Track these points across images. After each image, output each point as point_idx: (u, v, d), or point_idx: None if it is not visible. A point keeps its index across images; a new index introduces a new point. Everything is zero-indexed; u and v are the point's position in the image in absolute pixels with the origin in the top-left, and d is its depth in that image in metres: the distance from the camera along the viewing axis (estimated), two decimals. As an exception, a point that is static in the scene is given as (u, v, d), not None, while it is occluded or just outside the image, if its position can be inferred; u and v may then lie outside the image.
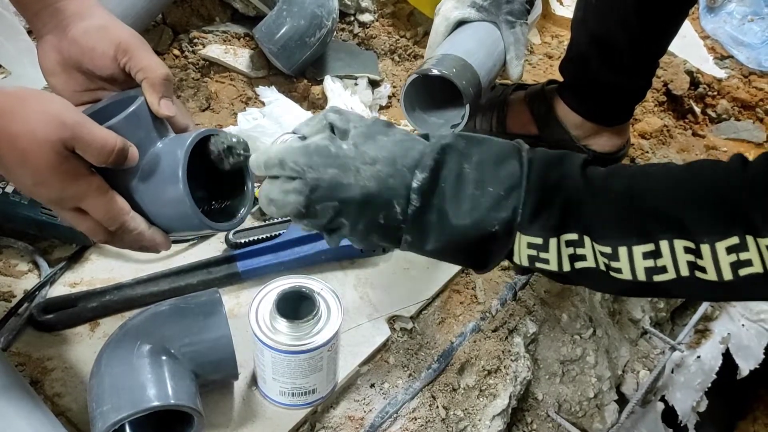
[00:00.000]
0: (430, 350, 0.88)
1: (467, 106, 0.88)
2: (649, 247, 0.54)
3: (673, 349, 1.20)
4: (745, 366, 1.33)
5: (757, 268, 0.51)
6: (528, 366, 0.93)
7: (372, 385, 0.84)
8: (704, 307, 1.29)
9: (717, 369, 1.30)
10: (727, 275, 0.52)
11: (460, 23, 0.95)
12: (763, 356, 1.33)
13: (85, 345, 0.81)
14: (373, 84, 1.26)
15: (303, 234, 0.91)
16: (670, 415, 1.25)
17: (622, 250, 0.55)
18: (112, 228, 0.62)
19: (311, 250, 0.91)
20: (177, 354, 0.70)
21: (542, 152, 0.61)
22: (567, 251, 0.57)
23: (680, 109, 1.41)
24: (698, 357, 1.31)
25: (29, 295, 0.83)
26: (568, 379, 1.03)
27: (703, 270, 0.53)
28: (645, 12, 0.96)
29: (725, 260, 0.51)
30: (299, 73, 1.21)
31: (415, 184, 0.58)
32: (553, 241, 0.57)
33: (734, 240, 0.51)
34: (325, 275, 0.91)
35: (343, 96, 1.18)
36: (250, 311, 0.72)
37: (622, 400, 1.11)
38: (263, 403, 0.78)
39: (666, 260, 0.54)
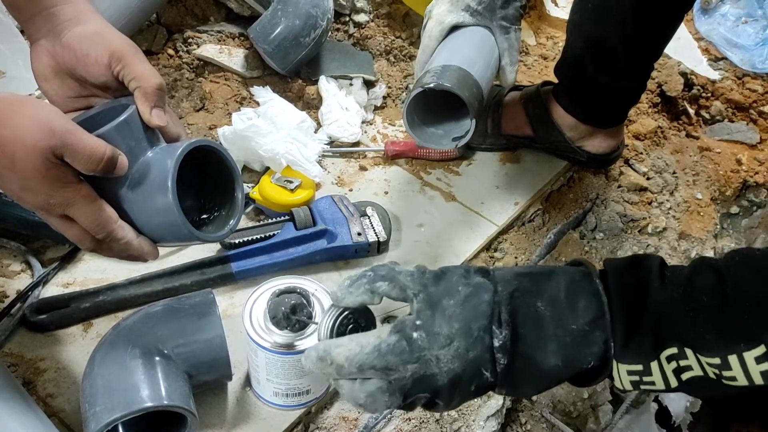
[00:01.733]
0: (424, 351, 0.88)
1: (473, 121, 0.87)
2: (761, 350, 0.50)
3: (666, 349, 1.20)
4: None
5: None
6: (522, 367, 0.93)
7: (366, 386, 0.84)
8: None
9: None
10: None
11: (454, 28, 0.95)
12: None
13: (78, 345, 0.80)
14: (368, 84, 1.26)
15: (297, 234, 0.91)
16: (663, 416, 1.25)
17: (733, 359, 0.51)
18: (100, 236, 0.61)
19: (305, 251, 0.91)
20: (170, 355, 0.70)
21: (614, 270, 0.57)
22: (670, 367, 0.54)
23: (674, 110, 1.42)
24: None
25: (22, 296, 0.83)
26: (562, 379, 1.03)
27: None
28: (642, 16, 0.96)
29: None
30: (294, 73, 1.21)
31: (497, 343, 0.54)
32: (654, 365, 0.54)
33: None
34: (319, 276, 0.91)
35: (338, 96, 1.18)
36: (244, 312, 0.72)
37: (616, 401, 1.11)
38: (257, 404, 0.78)
39: None
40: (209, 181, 0.68)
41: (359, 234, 0.93)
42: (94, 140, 0.58)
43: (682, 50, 1.50)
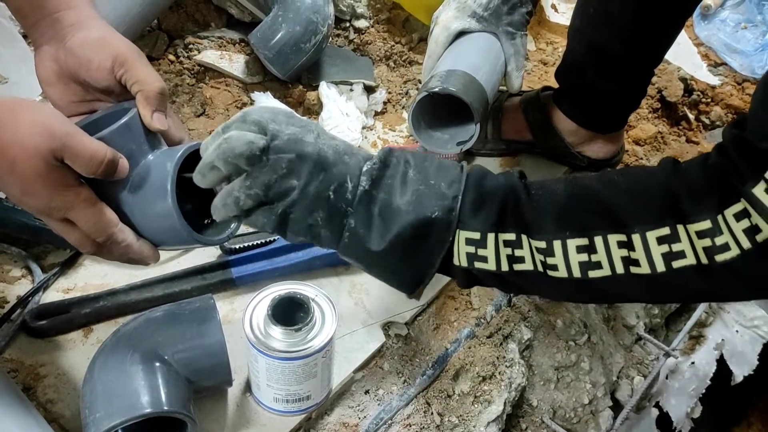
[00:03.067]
0: (424, 356, 0.88)
1: (477, 126, 0.88)
2: (584, 241, 0.55)
3: (667, 355, 1.20)
4: (740, 372, 1.33)
5: (689, 260, 0.51)
6: (523, 372, 0.93)
7: (366, 392, 0.84)
8: (698, 313, 1.29)
9: (711, 375, 1.30)
10: (660, 267, 0.52)
11: (461, 34, 0.95)
12: (757, 362, 1.34)
13: (78, 351, 0.80)
14: (369, 90, 1.26)
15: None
16: (664, 422, 1.25)
17: (557, 244, 0.56)
18: (100, 240, 0.61)
19: (306, 256, 0.91)
20: (171, 360, 0.69)
21: (481, 166, 0.64)
22: (505, 251, 0.58)
23: (674, 115, 1.42)
24: (692, 363, 1.31)
25: (22, 301, 0.83)
26: (563, 385, 1.03)
27: (636, 263, 0.53)
28: (643, 22, 0.96)
29: (657, 250, 0.52)
30: (295, 78, 1.21)
31: (365, 167, 0.60)
32: (491, 237, 0.58)
33: (665, 230, 0.51)
34: (319, 281, 0.91)
35: (339, 102, 1.18)
36: (245, 317, 0.72)
37: (616, 407, 1.11)
38: (257, 410, 0.78)
39: (600, 255, 0.54)
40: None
41: (359, 239, 0.93)
42: (95, 143, 0.58)
43: (682, 56, 1.50)
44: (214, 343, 0.71)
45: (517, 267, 0.58)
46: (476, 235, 0.59)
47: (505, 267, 0.58)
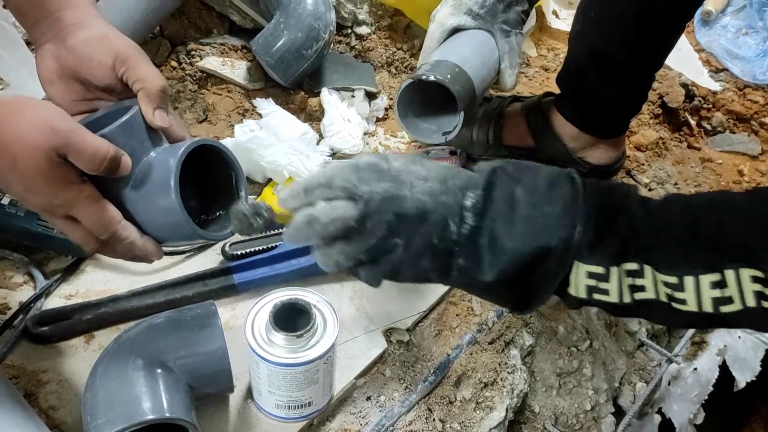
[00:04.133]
0: (426, 363, 0.88)
1: (461, 114, 0.88)
2: (716, 276, 0.52)
3: (669, 361, 1.20)
4: (742, 378, 1.33)
5: None
6: (525, 378, 0.93)
7: (368, 398, 0.83)
8: (701, 319, 1.29)
9: (714, 381, 1.29)
10: None
11: (456, 31, 0.96)
12: (760, 368, 1.33)
13: (80, 357, 0.80)
14: (370, 96, 1.26)
15: (299, 246, 0.91)
16: (667, 428, 1.24)
17: (688, 280, 0.53)
18: (104, 237, 0.61)
19: (308, 262, 0.91)
20: (172, 366, 0.69)
21: (593, 180, 0.58)
22: (627, 281, 0.55)
23: (675, 121, 1.42)
24: (695, 369, 1.30)
25: (24, 307, 0.83)
26: (565, 391, 1.02)
27: None
28: (645, 26, 0.96)
29: None
30: (296, 85, 1.22)
31: (468, 202, 0.56)
32: (614, 270, 0.55)
33: None
34: (321, 287, 0.91)
35: (340, 108, 1.18)
36: (246, 323, 0.72)
37: (619, 413, 1.11)
38: (259, 416, 0.78)
39: (732, 290, 0.52)
40: (212, 181, 0.68)
41: (361, 245, 0.93)
42: (98, 140, 0.58)
43: (683, 62, 1.50)
44: (216, 350, 0.71)
45: (639, 296, 0.55)
46: (599, 270, 0.55)
47: (627, 299, 0.55)
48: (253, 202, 0.62)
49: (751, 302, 0.51)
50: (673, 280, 0.53)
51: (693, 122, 1.43)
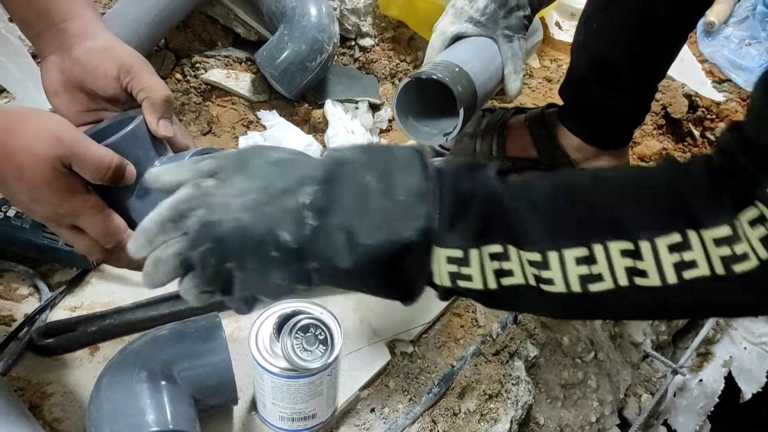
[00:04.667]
0: (430, 374, 0.88)
1: (461, 111, 0.87)
2: (583, 251, 0.48)
3: (675, 372, 1.20)
4: (748, 389, 1.33)
5: (702, 270, 0.45)
6: (529, 390, 0.93)
7: (372, 410, 0.83)
8: (706, 329, 1.29)
9: (719, 392, 1.29)
10: (671, 278, 0.46)
11: (457, 38, 0.96)
12: (766, 380, 1.33)
13: (85, 369, 0.80)
14: (374, 108, 1.27)
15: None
16: (672, 440, 1.24)
17: (553, 256, 0.49)
18: (109, 246, 0.62)
19: (311, 274, 0.91)
20: (176, 378, 0.69)
21: (450, 161, 0.55)
22: (492, 265, 0.51)
23: (679, 132, 1.42)
24: (700, 380, 1.30)
25: (29, 319, 0.83)
26: (570, 403, 1.02)
27: (644, 274, 0.47)
28: (647, 35, 0.97)
29: (668, 260, 0.46)
30: (300, 97, 1.22)
31: (306, 200, 0.51)
32: (474, 253, 0.51)
33: (676, 237, 0.45)
34: (325, 299, 0.90)
35: (344, 120, 1.18)
36: (250, 335, 0.72)
37: (624, 425, 1.10)
38: (263, 428, 0.78)
39: (601, 266, 0.47)
40: None
41: (365, 257, 0.93)
42: (102, 149, 0.59)
43: (686, 72, 1.51)
44: (220, 362, 0.71)
45: (506, 282, 0.51)
46: (458, 253, 0.51)
47: (492, 284, 0.51)
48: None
49: (623, 280, 0.47)
50: (536, 257, 0.49)
51: (696, 133, 1.43)
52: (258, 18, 1.27)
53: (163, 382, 0.68)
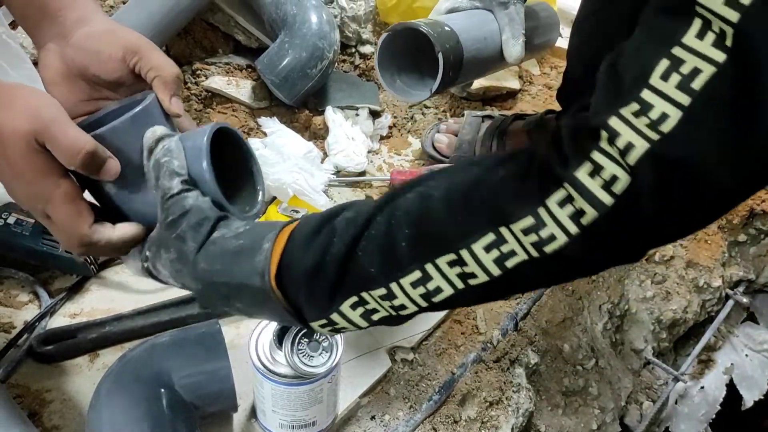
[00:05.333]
0: (431, 381, 0.88)
1: (440, 55, 0.86)
2: (416, 274, 0.52)
3: (676, 379, 1.19)
4: (750, 397, 1.32)
5: (521, 256, 0.49)
6: (530, 397, 0.93)
7: (372, 417, 0.83)
8: (707, 336, 1.28)
9: (721, 400, 1.29)
10: (495, 271, 0.50)
11: (452, 12, 0.96)
12: (767, 387, 1.32)
13: (84, 377, 0.80)
14: (374, 114, 1.27)
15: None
16: (674, 447, 1.24)
17: (394, 287, 0.53)
18: (74, 240, 0.59)
19: (312, 281, 0.91)
20: (176, 386, 0.69)
21: (298, 239, 0.56)
22: (357, 312, 0.55)
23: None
24: (702, 388, 1.30)
25: (29, 326, 0.83)
26: (571, 410, 1.02)
27: (473, 276, 0.51)
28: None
29: (487, 258, 0.49)
30: (301, 103, 1.22)
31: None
32: (335, 316, 0.55)
33: (490, 237, 0.49)
34: (325, 306, 0.91)
35: (344, 126, 1.19)
36: (250, 342, 0.71)
37: (625, 432, 1.10)
38: (263, 436, 0.78)
39: (438, 281, 0.52)
40: (223, 172, 0.66)
41: (365, 263, 0.93)
42: (80, 133, 0.56)
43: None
44: (220, 369, 0.71)
45: (376, 317, 0.55)
46: (323, 321, 0.56)
47: (365, 324, 0.56)
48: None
49: (459, 285, 0.51)
50: (382, 292, 0.53)
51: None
52: (259, 25, 1.28)
53: (163, 390, 0.68)
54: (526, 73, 1.49)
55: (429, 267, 0.51)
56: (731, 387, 1.31)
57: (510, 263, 0.49)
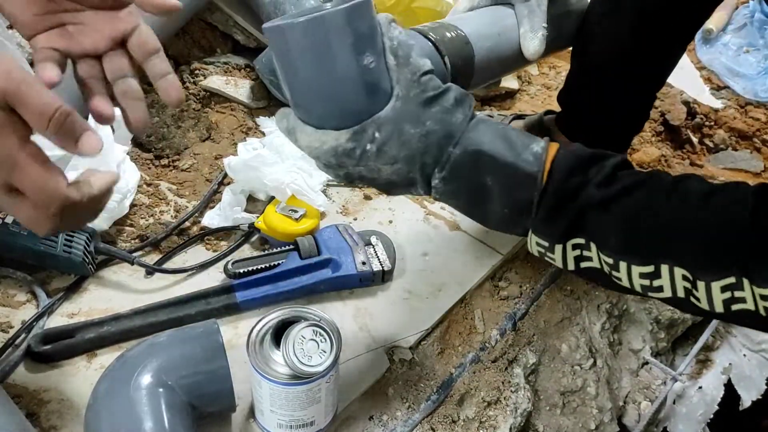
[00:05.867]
0: (429, 381, 0.88)
1: (448, 64, 0.85)
2: (649, 268, 0.56)
3: (674, 379, 1.19)
4: (747, 397, 1.32)
5: (749, 305, 0.52)
6: (528, 397, 0.93)
7: (371, 417, 0.83)
8: (705, 336, 1.29)
9: (719, 400, 1.29)
10: (719, 308, 0.54)
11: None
12: (765, 387, 1.32)
13: (82, 377, 0.80)
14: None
15: (302, 264, 0.91)
16: (673, 448, 1.24)
17: (623, 265, 0.57)
18: (52, 210, 0.52)
19: (310, 280, 0.91)
20: (174, 386, 0.69)
21: (574, 154, 0.62)
22: (573, 253, 0.60)
23: (678, 139, 1.42)
24: (700, 387, 1.30)
25: (27, 326, 0.83)
26: (569, 410, 1.02)
27: (697, 299, 0.55)
28: (642, 45, 0.97)
29: (719, 297, 0.53)
30: (299, 103, 1.22)
31: (432, 183, 0.63)
32: (558, 247, 0.61)
33: (731, 280, 0.52)
34: (323, 306, 0.91)
35: (343, 126, 1.18)
36: (248, 342, 0.71)
37: (623, 432, 1.10)
38: (261, 436, 0.77)
39: (664, 281, 0.56)
40: None
41: (364, 263, 0.93)
42: (52, 97, 0.51)
43: (685, 79, 1.51)
44: (218, 369, 0.71)
45: (584, 265, 0.60)
46: (545, 243, 0.61)
47: (571, 267, 0.61)
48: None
49: (681, 293, 0.55)
50: (609, 260, 0.58)
51: (695, 140, 1.43)
52: (257, 25, 1.28)
53: (161, 390, 0.68)
54: (525, 73, 1.50)
55: (664, 269, 0.56)
56: (729, 387, 1.31)
57: (736, 307, 0.53)
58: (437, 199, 0.65)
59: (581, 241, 0.59)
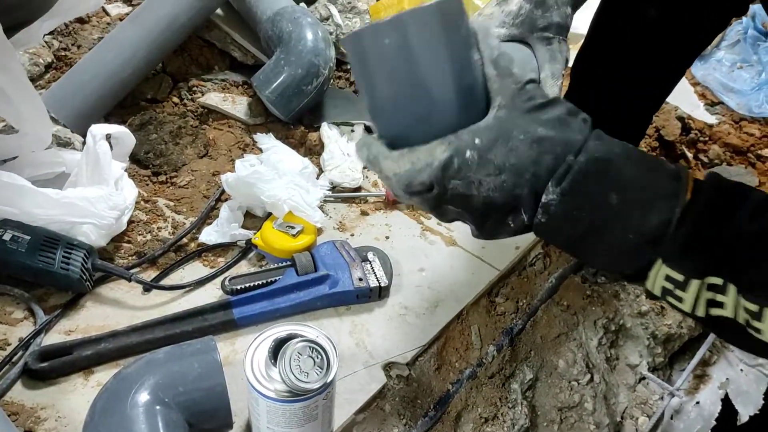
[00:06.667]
0: (426, 398, 0.88)
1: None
2: None
3: (671, 394, 1.19)
4: (745, 412, 1.32)
5: None
6: (525, 413, 0.93)
7: (368, 434, 0.83)
8: (702, 351, 1.29)
9: (716, 415, 1.28)
10: None
11: None
12: (763, 401, 1.32)
13: (79, 394, 0.80)
14: (370, 130, 1.28)
15: (299, 280, 0.91)
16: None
17: (767, 313, 0.49)
18: None
19: (307, 297, 0.91)
20: (171, 403, 0.69)
21: (711, 186, 0.52)
22: (706, 295, 0.51)
23: (673, 154, 1.43)
24: (697, 403, 1.30)
25: (24, 343, 0.83)
26: (567, 426, 1.02)
27: None
28: (643, 68, 0.98)
29: None
30: (296, 120, 1.23)
31: (544, 199, 0.52)
32: (694, 283, 0.51)
33: None
34: (320, 322, 0.91)
35: (340, 142, 1.19)
36: (245, 359, 0.71)
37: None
38: (258, 453, 0.77)
39: None
40: None
41: (360, 279, 0.93)
42: None
43: (679, 95, 1.52)
44: (215, 386, 0.71)
45: (715, 312, 0.51)
46: (679, 277, 0.51)
47: (700, 312, 0.52)
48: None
49: None
50: (754, 308, 0.49)
51: (690, 155, 1.44)
52: (254, 42, 1.29)
53: (158, 407, 0.68)
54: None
55: None
56: (727, 402, 1.31)
57: None
58: (538, 230, 0.55)
59: (718, 281, 0.50)
